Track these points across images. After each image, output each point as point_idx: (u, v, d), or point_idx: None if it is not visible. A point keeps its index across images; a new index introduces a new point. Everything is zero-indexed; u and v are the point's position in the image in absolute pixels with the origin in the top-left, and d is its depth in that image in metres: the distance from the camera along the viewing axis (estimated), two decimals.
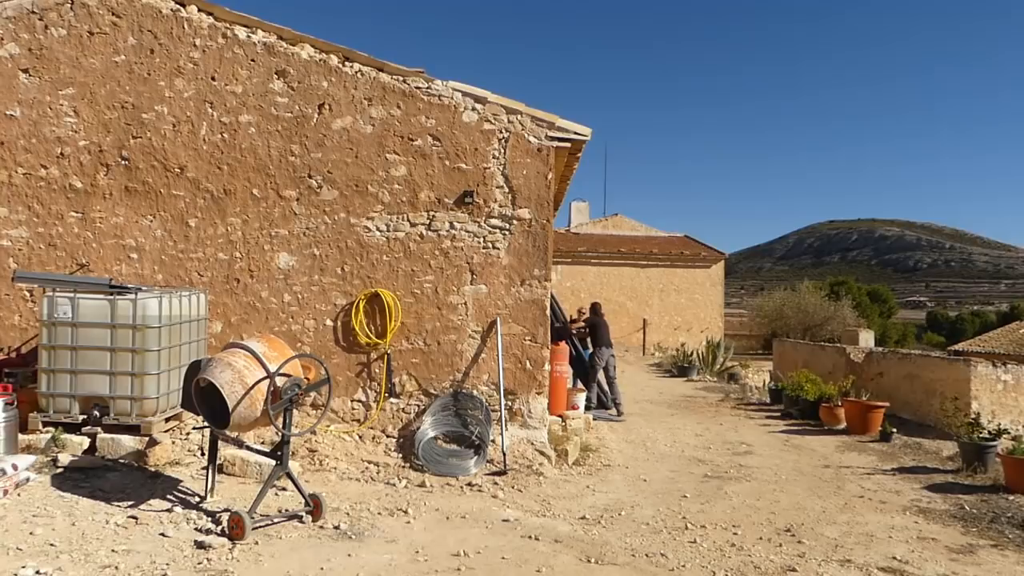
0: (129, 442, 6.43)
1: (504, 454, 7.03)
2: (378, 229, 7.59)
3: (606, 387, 11.71)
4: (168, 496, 5.72)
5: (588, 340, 11.89)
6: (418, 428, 7.26)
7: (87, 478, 5.98)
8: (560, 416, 8.70)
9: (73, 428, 6.48)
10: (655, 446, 9.11)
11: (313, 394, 7.18)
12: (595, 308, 12.24)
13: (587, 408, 11.62)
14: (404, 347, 7.56)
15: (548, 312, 7.67)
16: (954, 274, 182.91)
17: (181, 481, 6.07)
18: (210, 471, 5.77)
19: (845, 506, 6.56)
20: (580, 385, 11.94)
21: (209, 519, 5.29)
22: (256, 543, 4.91)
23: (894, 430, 9.88)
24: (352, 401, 7.55)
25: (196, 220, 7.58)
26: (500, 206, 7.58)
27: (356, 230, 7.59)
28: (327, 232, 7.59)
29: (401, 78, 7.60)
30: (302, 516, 5.42)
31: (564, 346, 9.35)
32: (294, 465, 6.16)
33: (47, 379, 6.49)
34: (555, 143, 7.63)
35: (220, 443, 5.93)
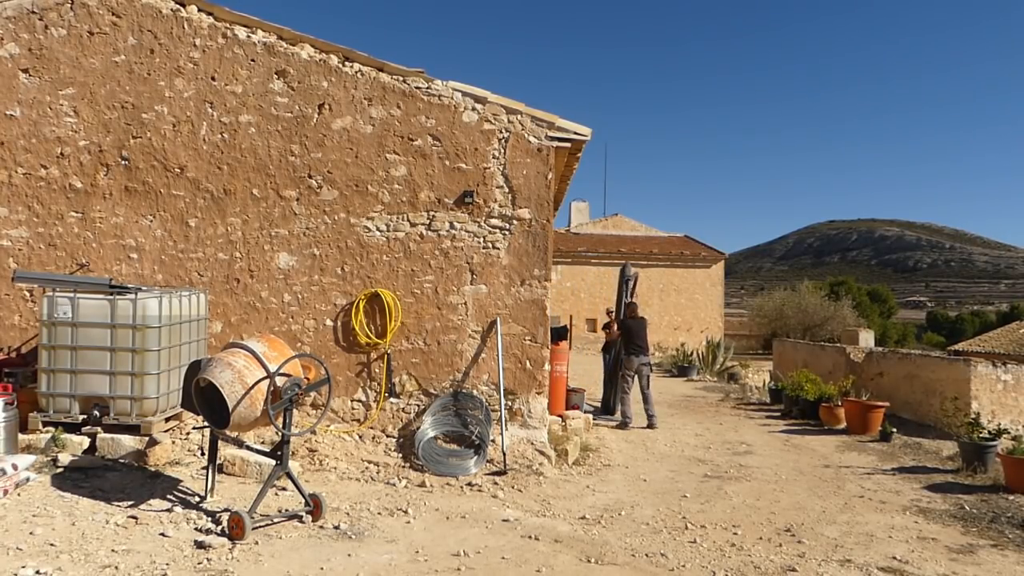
0: (129, 442, 6.43)
1: (504, 454, 7.03)
2: (378, 229, 7.59)
3: (627, 397, 10.62)
4: (168, 496, 5.72)
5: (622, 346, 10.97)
6: (418, 428, 7.26)
7: (87, 478, 5.98)
8: (560, 416, 8.71)
9: (73, 428, 6.49)
10: (655, 446, 9.11)
11: (313, 394, 7.19)
12: (630, 308, 11.18)
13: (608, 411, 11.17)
14: (404, 347, 7.56)
15: (549, 312, 7.67)
16: (954, 274, 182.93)
17: (181, 481, 6.07)
18: (210, 471, 5.77)
19: (845, 506, 6.56)
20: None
21: (209, 519, 5.28)
22: (256, 543, 4.91)
23: (894, 430, 9.88)
24: (352, 401, 7.55)
25: (196, 220, 7.58)
26: (500, 206, 7.58)
27: (356, 230, 7.59)
28: (327, 232, 7.59)
29: (401, 78, 7.60)
30: (302, 516, 5.41)
31: (564, 346, 9.35)
32: (294, 465, 6.16)
33: (47, 379, 6.49)
34: (555, 143, 7.63)
35: (220, 443, 5.93)
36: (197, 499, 5.70)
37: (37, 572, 4.28)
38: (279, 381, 5.29)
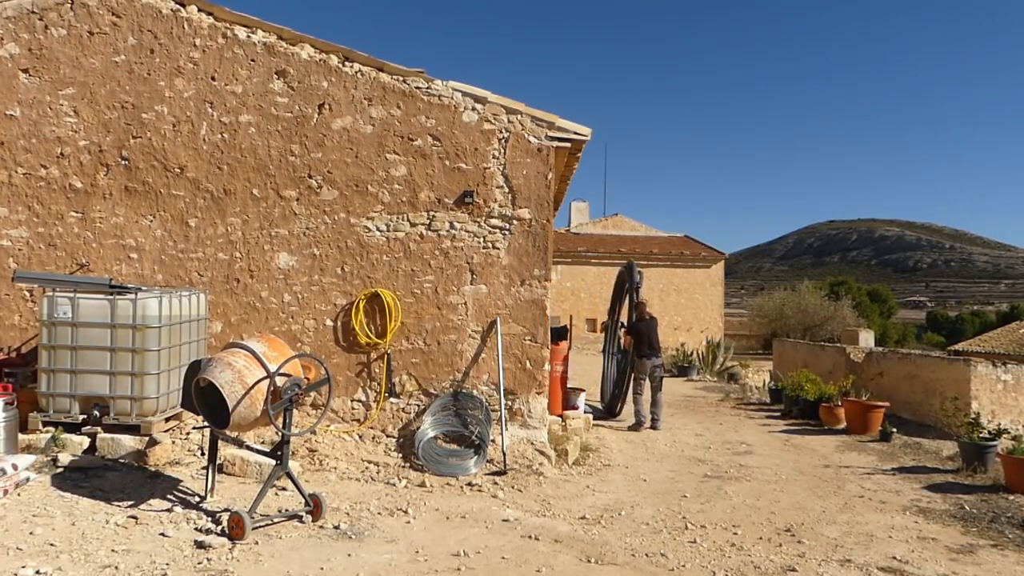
0: (129, 442, 6.43)
1: (504, 454, 7.03)
2: (378, 229, 7.59)
3: (640, 398, 10.32)
4: (168, 496, 5.72)
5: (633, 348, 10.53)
6: (418, 428, 7.26)
7: (87, 478, 5.99)
8: (560, 416, 8.71)
9: (73, 428, 6.49)
10: (655, 446, 9.11)
11: (313, 394, 7.19)
12: (639, 310, 10.80)
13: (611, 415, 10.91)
14: (404, 347, 7.56)
15: (549, 312, 7.66)
16: (954, 274, 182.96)
17: (181, 481, 6.07)
18: (210, 471, 5.77)
19: (845, 506, 6.56)
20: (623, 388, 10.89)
21: (209, 519, 5.29)
22: (256, 543, 4.91)
23: (894, 430, 9.88)
24: (352, 401, 7.55)
25: (196, 220, 7.58)
26: (500, 206, 7.58)
27: (356, 230, 7.59)
28: (327, 232, 7.59)
29: (401, 78, 7.60)
30: (302, 516, 5.42)
31: (564, 346, 9.34)
32: (294, 465, 6.17)
33: (47, 379, 6.49)
34: (555, 143, 7.63)
35: (220, 443, 5.93)
36: (197, 499, 5.70)
37: (37, 572, 4.28)
38: (279, 381, 5.29)
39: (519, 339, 7.57)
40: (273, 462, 5.57)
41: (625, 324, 11.35)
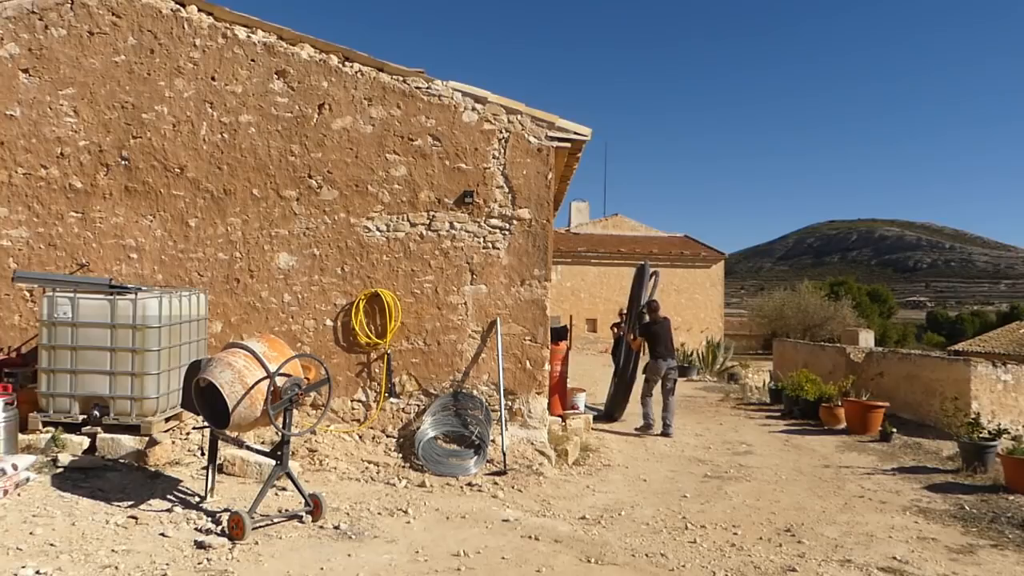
0: (129, 442, 6.43)
1: (504, 454, 7.02)
2: (378, 229, 7.59)
3: (649, 400, 10.02)
4: (168, 496, 5.72)
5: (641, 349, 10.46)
6: (418, 428, 7.26)
7: (87, 478, 5.98)
8: (560, 416, 8.71)
9: (73, 428, 6.48)
10: (655, 446, 9.11)
11: (313, 394, 7.18)
12: (652, 307, 10.56)
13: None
14: (404, 347, 7.56)
15: (549, 312, 7.66)
16: (954, 274, 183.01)
17: (181, 481, 6.07)
18: (210, 471, 5.77)
19: (845, 506, 6.56)
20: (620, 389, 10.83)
21: (209, 519, 5.29)
22: (256, 543, 4.91)
23: (894, 430, 9.88)
24: (352, 401, 7.55)
25: (196, 220, 7.58)
26: (500, 206, 7.58)
27: (356, 230, 7.59)
28: (327, 232, 7.58)
29: (401, 78, 7.60)
30: (302, 516, 5.41)
31: (564, 346, 9.34)
32: (294, 465, 6.16)
33: (47, 379, 6.48)
34: (555, 143, 7.63)
35: (220, 443, 5.93)
36: (197, 499, 5.70)
37: (37, 572, 4.28)
38: (279, 381, 5.28)
39: (519, 339, 7.57)
40: (273, 462, 5.57)
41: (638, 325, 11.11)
